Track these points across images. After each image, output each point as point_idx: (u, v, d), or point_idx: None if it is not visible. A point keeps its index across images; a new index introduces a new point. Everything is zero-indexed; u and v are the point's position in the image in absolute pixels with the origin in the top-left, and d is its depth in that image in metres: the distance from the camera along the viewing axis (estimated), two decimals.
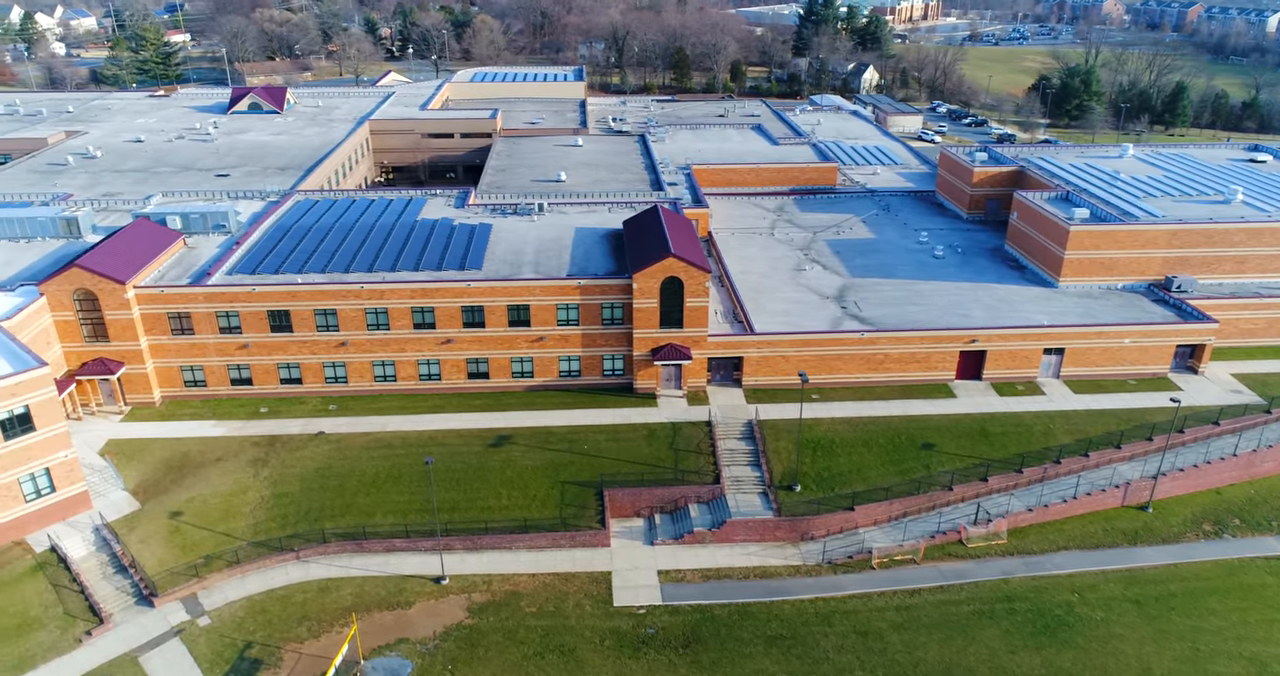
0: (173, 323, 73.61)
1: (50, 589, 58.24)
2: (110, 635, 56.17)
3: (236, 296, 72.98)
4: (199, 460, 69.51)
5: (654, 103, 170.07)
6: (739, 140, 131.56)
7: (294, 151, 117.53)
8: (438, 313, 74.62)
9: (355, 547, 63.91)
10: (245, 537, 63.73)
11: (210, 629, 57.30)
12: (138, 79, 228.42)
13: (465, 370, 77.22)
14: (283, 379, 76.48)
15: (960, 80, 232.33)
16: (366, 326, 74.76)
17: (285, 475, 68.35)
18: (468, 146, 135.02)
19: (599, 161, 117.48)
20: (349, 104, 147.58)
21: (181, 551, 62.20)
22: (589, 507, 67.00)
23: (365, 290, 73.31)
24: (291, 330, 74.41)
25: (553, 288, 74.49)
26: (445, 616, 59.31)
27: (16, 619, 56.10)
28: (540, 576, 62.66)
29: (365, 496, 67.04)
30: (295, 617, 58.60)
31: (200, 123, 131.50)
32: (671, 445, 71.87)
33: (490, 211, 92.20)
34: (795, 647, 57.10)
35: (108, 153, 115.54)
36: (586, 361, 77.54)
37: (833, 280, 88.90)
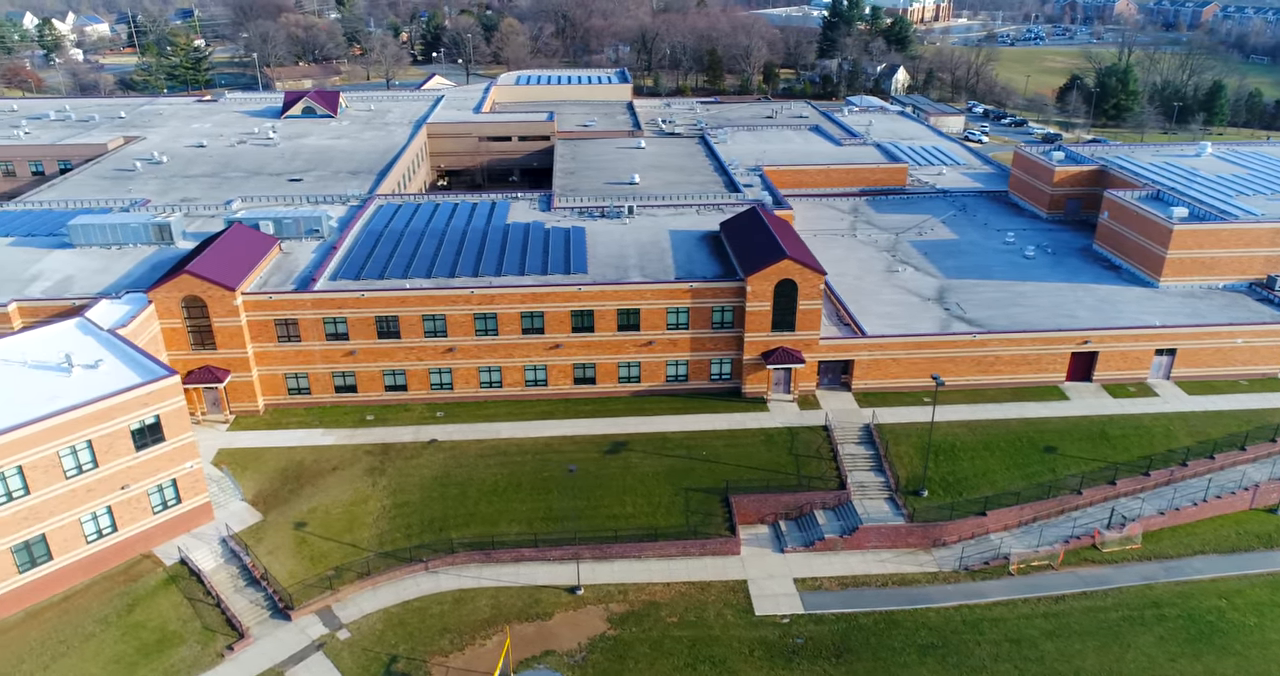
0: (279, 329, 72.37)
1: (185, 602, 56.94)
2: (252, 649, 54.89)
3: (345, 302, 71.76)
4: (314, 469, 68.25)
5: (699, 104, 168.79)
6: (800, 141, 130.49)
7: (360, 155, 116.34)
8: (547, 317, 73.44)
9: (483, 557, 62.68)
10: (371, 548, 62.49)
11: (352, 642, 56.04)
12: (167, 84, 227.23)
13: (572, 375, 76.00)
14: (388, 385, 75.23)
15: (993, 81, 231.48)
16: (475, 332, 73.55)
17: (404, 484, 67.12)
18: (525, 150, 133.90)
19: (666, 164, 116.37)
20: (400, 108, 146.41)
21: (310, 563, 60.95)
22: (715, 515, 65.84)
23: (475, 295, 72.10)
24: (399, 336, 73.20)
25: (663, 291, 73.32)
26: (587, 627, 58.08)
27: (157, 633, 54.80)
28: (675, 585, 61.45)
29: (487, 505, 65.83)
30: (435, 630, 57.36)
31: (258, 127, 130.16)
32: (790, 450, 70.71)
33: (578, 214, 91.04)
34: (950, 656, 55.92)
35: (173, 158, 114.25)
36: (694, 365, 76.35)
37: (928, 282, 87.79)
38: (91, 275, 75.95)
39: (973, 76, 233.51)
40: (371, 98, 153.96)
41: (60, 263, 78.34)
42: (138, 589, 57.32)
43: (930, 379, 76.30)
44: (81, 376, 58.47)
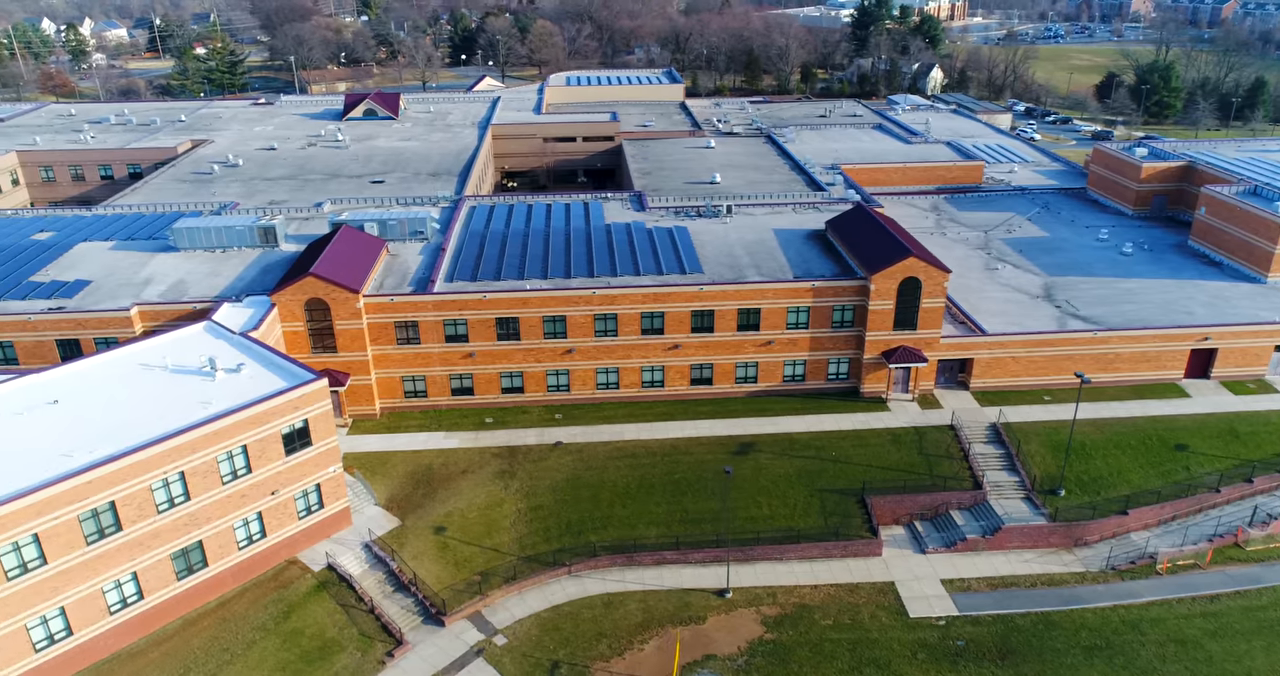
0: (399, 332, 71.66)
1: (339, 609, 56.16)
2: (411, 656, 54.14)
3: (467, 304, 71.04)
4: (444, 473, 67.50)
5: (748, 104, 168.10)
6: (868, 140, 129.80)
7: (434, 157, 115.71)
8: (667, 317, 72.71)
9: (625, 560, 61.93)
10: (512, 552, 61.73)
11: (510, 648, 55.28)
12: (203, 88, 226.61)
13: (689, 376, 75.25)
14: (504, 388, 74.49)
15: (1030, 79, 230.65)
16: (594, 333, 72.82)
17: (536, 487, 66.37)
18: (589, 150, 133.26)
19: (741, 163, 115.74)
20: (460, 109, 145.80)
21: (454, 568, 60.19)
22: (853, 516, 65.06)
23: (597, 296, 71.38)
24: (519, 338, 72.48)
25: (785, 290, 72.58)
26: (742, 631, 57.30)
27: (317, 641, 54.04)
28: (823, 587, 60.69)
29: (622, 507, 65.07)
30: (591, 635, 56.59)
31: (324, 130, 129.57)
32: (919, 450, 69.94)
33: (674, 214, 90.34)
34: (1116, 658, 55.11)
35: (248, 161, 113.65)
36: (812, 365, 75.61)
37: (1030, 279, 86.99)
38: (204, 278, 75.27)
39: (1009, 75, 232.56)
40: (429, 99, 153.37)
41: (168, 266, 77.65)
42: (290, 595, 56.57)
43: (1050, 377, 75.86)
44: (226, 380, 57.76)
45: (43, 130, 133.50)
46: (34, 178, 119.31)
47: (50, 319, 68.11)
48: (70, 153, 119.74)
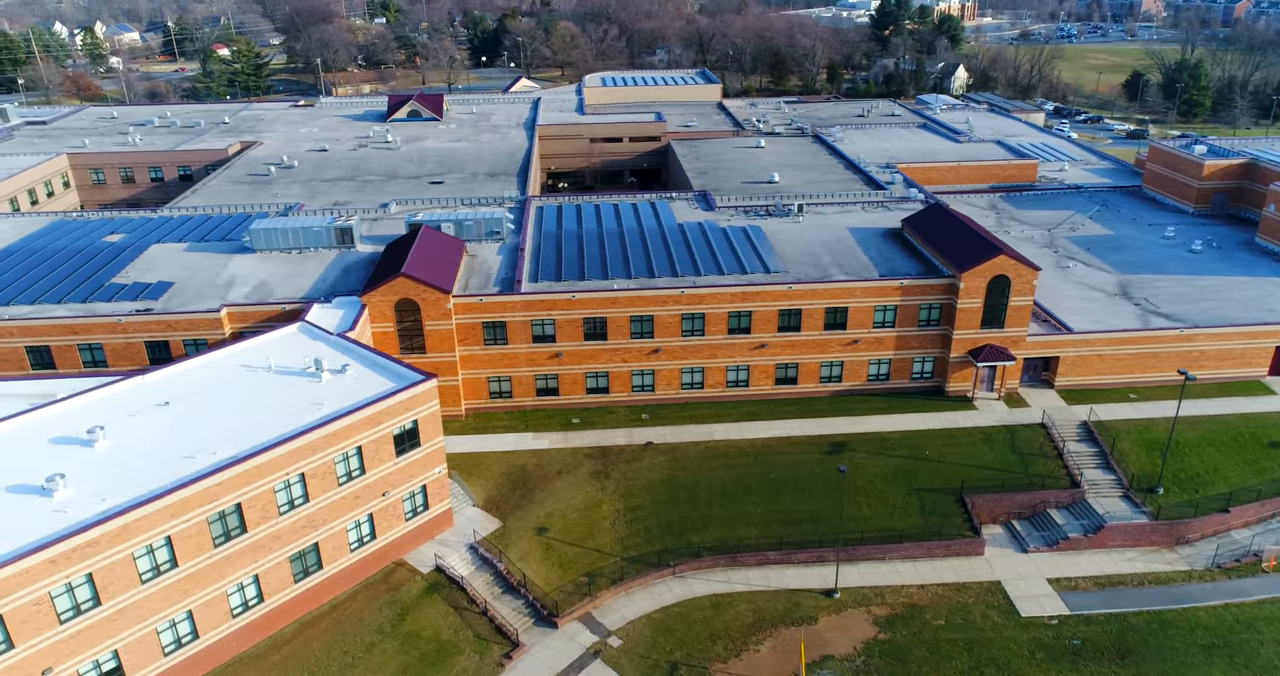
0: (487, 332, 71.33)
1: (452, 611, 55.75)
2: (529, 658, 53.73)
3: (555, 304, 70.71)
4: (538, 473, 67.13)
5: (784, 104, 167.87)
6: (917, 139, 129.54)
7: (488, 158, 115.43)
8: (754, 316, 72.40)
9: (729, 561, 61.54)
10: (615, 553, 61.34)
11: (626, 650, 54.88)
12: (228, 91, 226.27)
13: (774, 375, 74.93)
14: (589, 388, 74.14)
15: (1056, 79, 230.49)
16: (681, 332, 72.49)
17: (632, 487, 66.01)
18: (636, 150, 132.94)
19: (795, 162, 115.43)
20: (502, 110, 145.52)
21: (560, 569, 59.81)
22: (953, 515, 64.67)
23: (686, 295, 71.05)
24: (606, 338, 72.13)
25: (872, 289, 72.27)
26: (855, 631, 56.90)
27: (434, 643, 53.64)
28: (929, 587, 60.29)
29: (720, 508, 64.68)
30: (704, 636, 56.18)
31: (372, 131, 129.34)
32: (1012, 449, 69.58)
33: (744, 213, 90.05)
34: (1236, 657, 54.70)
35: (302, 162, 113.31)
36: (897, 364, 75.29)
37: (1104, 277, 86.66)
38: (285, 280, 74.90)
39: (1035, 74, 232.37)
40: (471, 100, 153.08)
41: (247, 267, 77.29)
42: (402, 597, 56.16)
43: (1135, 375, 75.54)
44: (332, 381, 57.39)
45: (87, 133, 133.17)
46: (84, 180, 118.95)
47: (139, 321, 67.74)
48: (120, 155, 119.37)
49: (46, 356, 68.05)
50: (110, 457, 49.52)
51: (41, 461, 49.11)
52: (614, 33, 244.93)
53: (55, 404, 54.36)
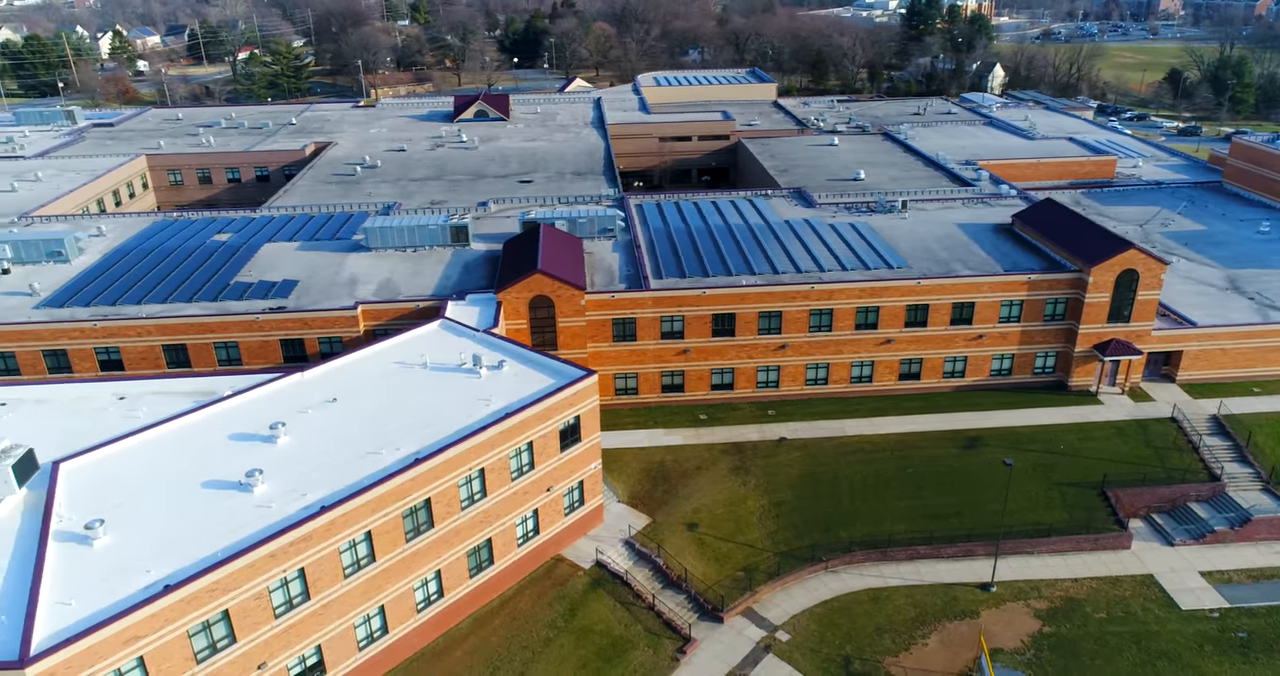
0: (616, 329, 71.39)
1: (619, 606, 55.72)
2: (702, 652, 53.69)
3: (685, 300, 70.75)
4: (677, 469, 67.14)
5: (837, 103, 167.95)
6: (987, 137, 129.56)
7: (569, 156, 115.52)
8: (882, 312, 72.45)
9: (879, 556, 61.46)
10: (766, 548, 61.31)
11: (795, 644, 54.85)
12: (269, 93, 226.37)
13: (898, 371, 74.96)
14: (714, 384, 74.19)
15: (1096, 77, 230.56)
16: (808, 328, 72.55)
17: (773, 483, 66.01)
18: (704, 149, 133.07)
19: (874, 160, 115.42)
20: (566, 110, 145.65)
21: (715, 564, 59.78)
22: (1096, 509, 64.59)
23: (815, 291, 71.10)
24: (734, 334, 72.18)
25: (1000, 284, 72.29)
26: (1018, 625, 56.81)
27: (607, 638, 53.64)
28: (1083, 581, 60.17)
29: (863, 503, 64.66)
30: (869, 630, 56.15)
31: (444, 131, 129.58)
32: (1145, 443, 69.58)
33: (845, 210, 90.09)
34: None
35: (385, 162, 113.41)
36: (1020, 359, 75.31)
37: (1210, 272, 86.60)
38: (408, 277, 74.92)
39: (1074, 72, 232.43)
40: (533, 100, 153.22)
41: (366, 266, 77.33)
42: (569, 592, 56.18)
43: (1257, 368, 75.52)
44: (491, 377, 57.40)
45: (154, 135, 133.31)
46: (162, 181, 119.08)
47: (276, 319, 67.82)
48: (197, 156, 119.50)
49: (182, 355, 68.13)
50: (295, 453, 49.56)
51: (228, 457, 49.17)
52: (655, 33, 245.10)
53: (224, 401, 54.38)
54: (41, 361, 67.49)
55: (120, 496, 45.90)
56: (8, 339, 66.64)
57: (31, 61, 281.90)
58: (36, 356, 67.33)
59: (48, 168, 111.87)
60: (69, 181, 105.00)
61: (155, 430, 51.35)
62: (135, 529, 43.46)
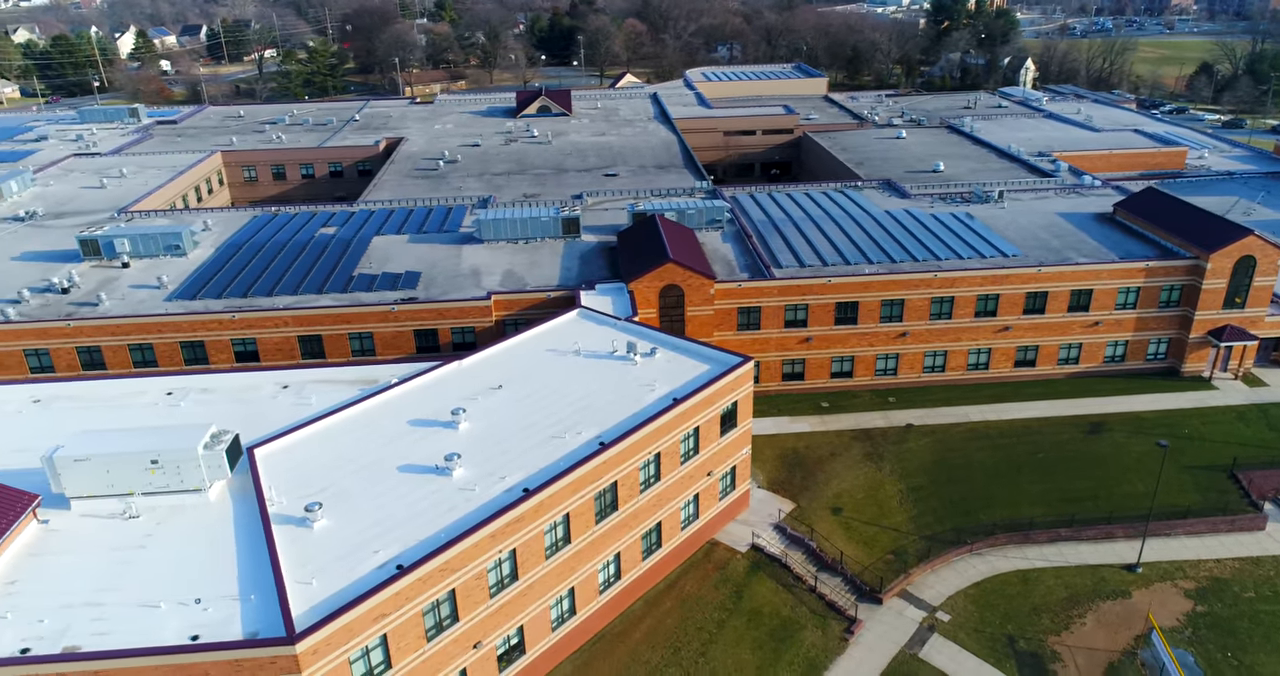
0: (741, 318, 72.15)
1: (782, 588, 56.52)
2: (868, 633, 54.48)
3: (810, 289, 71.53)
4: (811, 456, 67.95)
5: (885, 97, 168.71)
6: (1050, 128, 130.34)
7: (645, 150, 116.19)
8: (1001, 299, 73.28)
9: (1021, 538, 62.20)
10: (909, 531, 62.10)
11: (957, 624, 55.63)
12: (304, 91, 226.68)
13: (1014, 358, 75.80)
14: (834, 372, 74.98)
15: (1130, 70, 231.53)
16: (929, 316, 73.35)
17: (907, 468, 66.84)
18: (768, 143, 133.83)
19: (946, 151, 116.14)
20: (625, 105, 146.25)
21: (865, 547, 60.56)
22: (1228, 492, 65.41)
23: (938, 278, 71.92)
24: (856, 322, 72.99)
25: (1118, 271, 73.16)
26: (1171, 605, 57.61)
27: (777, 619, 54.43)
28: (1225, 561, 60.95)
29: (998, 487, 65.46)
30: (1026, 610, 56.92)
31: (512, 126, 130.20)
32: (1268, 426, 70.47)
33: (940, 201, 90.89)
34: None
35: (464, 157, 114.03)
36: (1133, 345, 76.19)
37: None
38: (529, 268, 75.57)
39: (1107, 68, 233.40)
40: (588, 96, 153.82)
41: (484, 257, 78.00)
42: (730, 575, 56.96)
43: None
44: (647, 364, 58.15)
45: (219, 131, 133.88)
46: (236, 177, 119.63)
47: (410, 309, 68.46)
48: (271, 152, 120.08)
49: (317, 346, 68.82)
50: (480, 438, 50.26)
51: (416, 442, 49.91)
52: (691, 29, 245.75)
53: (393, 389, 55.07)
54: (179, 353, 68.15)
55: (323, 481, 46.60)
56: (146, 331, 67.26)
57: (59, 61, 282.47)
58: (174, 348, 67.99)
59: (127, 164, 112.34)
60: (154, 178, 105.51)
61: (336, 417, 52.06)
62: (348, 512, 44.17)
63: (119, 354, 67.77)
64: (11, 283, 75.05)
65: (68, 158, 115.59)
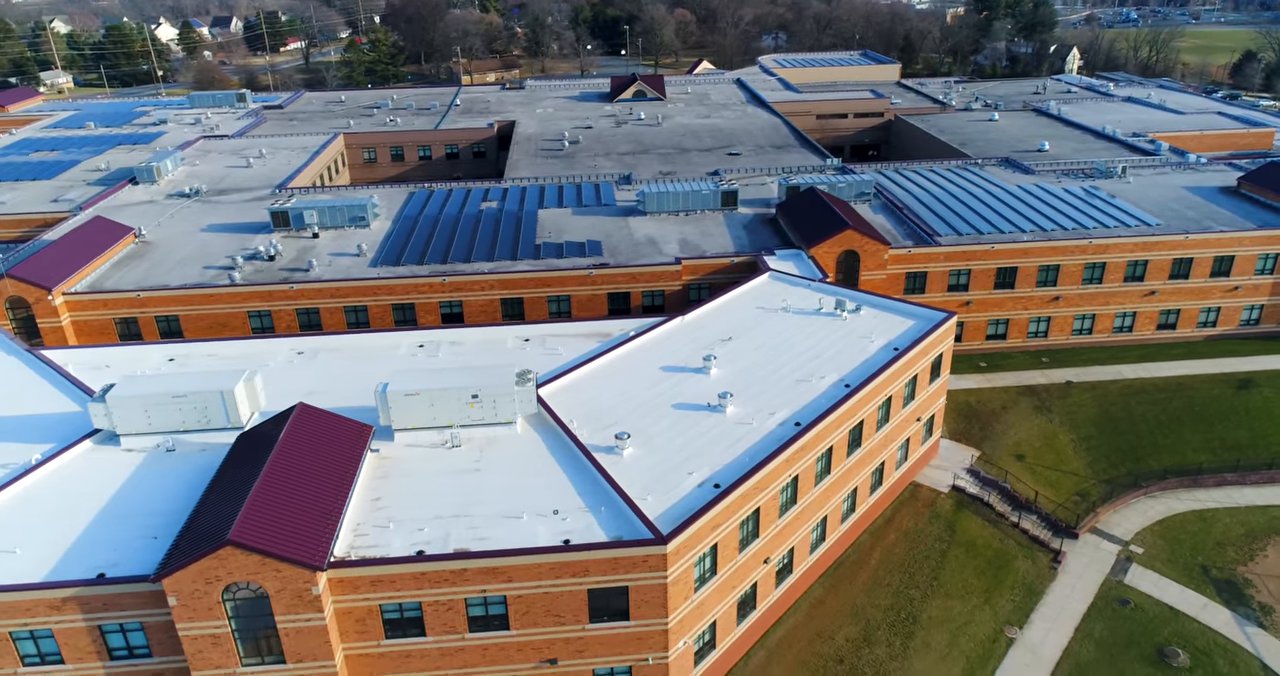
0: (908, 282, 76.80)
1: (987, 524, 61.41)
2: (1072, 563, 59.35)
3: (974, 255, 76.22)
4: (984, 409, 72.74)
5: (954, 83, 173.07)
6: (1134, 112, 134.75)
7: (755, 132, 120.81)
8: (1150, 265, 77.99)
9: (1190, 483, 67.04)
10: (1087, 476, 66.98)
11: (1150, 556, 60.50)
12: (366, 79, 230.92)
13: (1156, 321, 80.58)
14: (989, 335, 79.70)
15: (1176, 58, 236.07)
16: (1081, 281, 78.06)
17: (1075, 420, 71.64)
18: (858, 126, 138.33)
19: (1044, 133, 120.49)
20: (714, 90, 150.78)
21: (1051, 489, 65.38)
22: None
23: (1092, 245, 76.61)
24: (1013, 286, 77.68)
25: (1260, 238, 77.83)
26: None
27: (990, 550, 59.30)
28: None
29: (1162, 437, 70.29)
30: (1210, 544, 61.80)
31: (615, 110, 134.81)
32: None
33: (1064, 176, 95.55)
34: None
35: (584, 139, 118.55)
36: (1268, 309, 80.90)
37: None
38: (701, 237, 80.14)
39: (1153, 56, 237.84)
40: (679, 82, 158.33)
41: (653, 227, 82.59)
42: (940, 513, 61.84)
43: None
44: (855, 319, 62.87)
45: (325, 116, 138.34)
46: (356, 159, 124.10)
47: (606, 273, 73.10)
48: (390, 134, 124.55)
49: (518, 308, 73.45)
50: (734, 380, 54.91)
51: (678, 384, 54.63)
52: (748, 18, 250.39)
53: (633, 340, 59.78)
54: (390, 315, 72.83)
55: (609, 416, 51.33)
56: (363, 294, 71.94)
57: (114, 52, 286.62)
58: (385, 310, 72.65)
59: (259, 146, 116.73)
60: (294, 158, 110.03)
61: (594, 362, 56.80)
62: (646, 442, 48.90)
63: (334, 315, 72.50)
64: (211, 252, 79.64)
65: (199, 140, 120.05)
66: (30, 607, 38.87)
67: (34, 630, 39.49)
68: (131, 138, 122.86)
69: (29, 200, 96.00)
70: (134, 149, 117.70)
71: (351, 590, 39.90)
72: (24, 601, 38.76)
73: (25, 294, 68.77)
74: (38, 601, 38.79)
